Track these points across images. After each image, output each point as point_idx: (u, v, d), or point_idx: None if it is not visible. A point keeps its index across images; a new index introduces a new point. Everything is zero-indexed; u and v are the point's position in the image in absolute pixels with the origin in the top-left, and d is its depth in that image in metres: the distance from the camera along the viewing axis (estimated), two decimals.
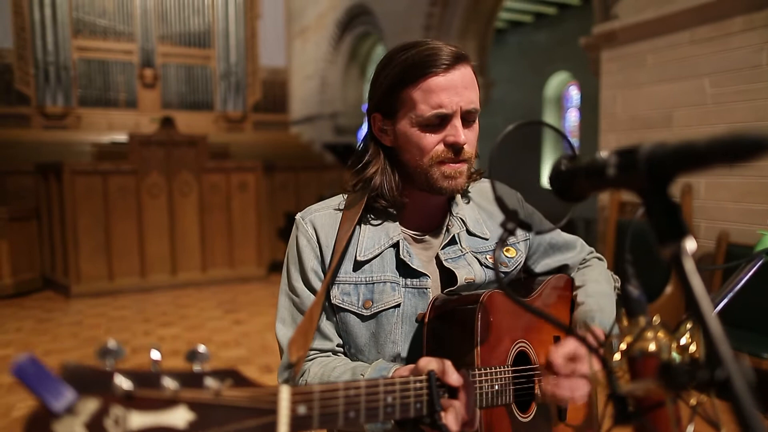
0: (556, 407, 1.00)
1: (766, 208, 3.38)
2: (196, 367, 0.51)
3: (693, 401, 0.49)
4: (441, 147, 0.94)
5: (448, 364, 0.76)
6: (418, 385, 0.71)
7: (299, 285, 1.01)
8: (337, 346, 1.02)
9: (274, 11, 12.23)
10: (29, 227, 6.39)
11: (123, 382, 0.46)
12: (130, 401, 0.47)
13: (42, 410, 0.43)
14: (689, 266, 0.38)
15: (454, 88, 0.92)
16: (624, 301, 0.54)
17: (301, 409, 0.57)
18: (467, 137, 0.94)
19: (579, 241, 1.20)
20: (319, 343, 1.00)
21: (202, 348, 0.51)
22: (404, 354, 0.98)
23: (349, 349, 1.02)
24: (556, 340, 1.05)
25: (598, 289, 1.10)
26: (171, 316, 5.40)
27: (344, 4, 9.85)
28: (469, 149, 0.96)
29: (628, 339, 0.52)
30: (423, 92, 0.92)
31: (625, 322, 0.59)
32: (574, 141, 11.52)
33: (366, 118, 1.04)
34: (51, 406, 0.42)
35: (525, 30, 11.53)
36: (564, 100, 11.73)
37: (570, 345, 0.89)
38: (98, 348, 0.46)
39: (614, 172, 0.45)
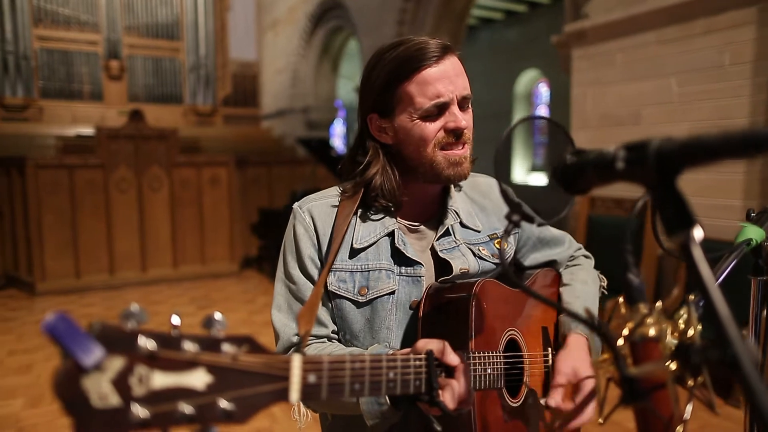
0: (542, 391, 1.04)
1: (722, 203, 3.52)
2: (214, 333, 0.52)
3: (690, 383, 0.52)
4: (442, 133, 0.97)
5: (446, 344, 0.78)
6: (418, 363, 0.74)
7: (296, 272, 1.03)
8: (332, 332, 1.04)
9: (244, 3, 12.05)
10: None
11: (147, 343, 0.48)
12: (154, 361, 0.48)
13: (71, 366, 0.43)
14: (697, 253, 0.41)
15: (448, 77, 0.94)
16: (624, 289, 0.56)
17: (311, 378, 0.59)
18: (466, 121, 0.97)
19: (567, 237, 1.23)
20: (315, 329, 1.02)
21: (218, 315, 0.53)
22: (398, 340, 1.01)
23: (344, 335, 1.04)
24: (544, 330, 1.08)
25: (584, 290, 1.13)
26: None
27: None
28: (469, 133, 0.99)
29: (630, 325, 0.54)
30: (418, 85, 0.94)
31: (622, 309, 0.62)
32: (544, 138, 11.72)
33: (359, 121, 1.05)
34: (81, 361, 0.43)
35: (496, 27, 11.66)
36: (534, 97, 11.91)
37: (558, 393, 0.92)
38: (121, 311, 0.48)
39: (623, 166, 0.47)
